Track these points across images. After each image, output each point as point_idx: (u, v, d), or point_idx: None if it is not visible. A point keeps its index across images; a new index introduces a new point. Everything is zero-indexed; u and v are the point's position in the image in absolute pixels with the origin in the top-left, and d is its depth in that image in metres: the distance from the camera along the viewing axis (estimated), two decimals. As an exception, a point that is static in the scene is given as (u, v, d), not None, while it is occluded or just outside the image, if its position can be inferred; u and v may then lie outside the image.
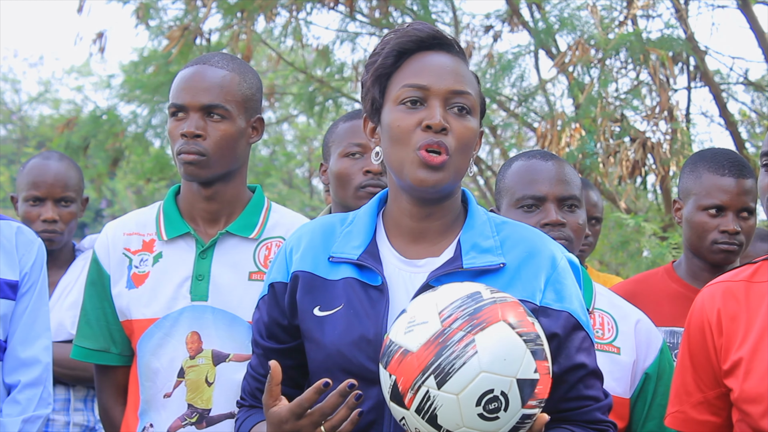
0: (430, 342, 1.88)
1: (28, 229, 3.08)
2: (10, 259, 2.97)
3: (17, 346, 2.95)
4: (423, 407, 1.87)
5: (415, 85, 2.13)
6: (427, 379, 1.86)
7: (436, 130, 2.09)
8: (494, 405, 1.86)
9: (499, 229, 2.19)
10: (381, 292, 2.12)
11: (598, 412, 2.15)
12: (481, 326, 1.88)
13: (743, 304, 2.38)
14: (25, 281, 2.98)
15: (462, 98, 2.13)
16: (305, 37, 8.57)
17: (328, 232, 2.23)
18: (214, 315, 2.67)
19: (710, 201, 3.19)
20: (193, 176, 2.68)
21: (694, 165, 3.27)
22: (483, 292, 1.95)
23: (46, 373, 2.99)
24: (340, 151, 3.07)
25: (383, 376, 1.94)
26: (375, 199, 2.27)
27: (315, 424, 1.98)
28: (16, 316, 2.96)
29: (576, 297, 2.16)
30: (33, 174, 3.88)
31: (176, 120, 2.68)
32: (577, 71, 6.75)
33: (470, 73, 2.19)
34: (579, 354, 2.13)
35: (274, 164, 14.95)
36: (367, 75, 2.20)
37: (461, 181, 2.19)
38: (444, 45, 2.17)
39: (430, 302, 1.94)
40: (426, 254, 2.17)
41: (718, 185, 3.19)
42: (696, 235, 3.23)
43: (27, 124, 19.70)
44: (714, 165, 3.22)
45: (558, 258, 2.17)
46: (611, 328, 2.79)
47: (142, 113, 9.44)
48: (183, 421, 2.65)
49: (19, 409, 2.93)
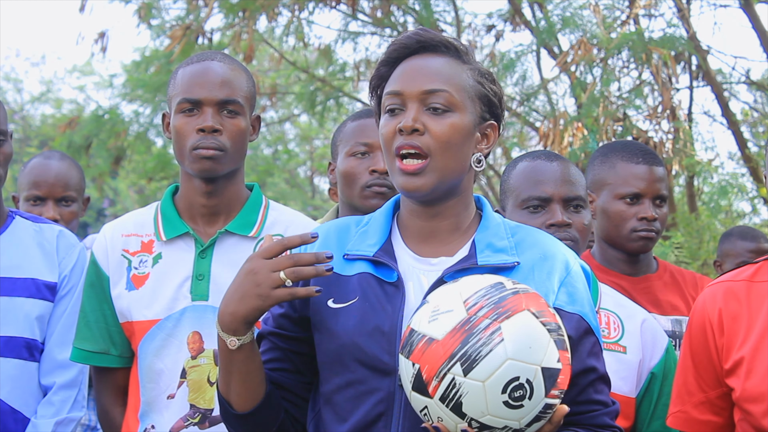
0: (456, 329, 1.89)
1: (70, 233, 3.12)
2: (50, 262, 3.01)
3: (54, 348, 2.98)
4: (448, 395, 1.88)
5: (392, 92, 2.16)
6: (453, 366, 1.87)
7: (407, 132, 2.12)
8: (519, 393, 1.87)
9: (514, 232, 2.21)
10: (397, 288, 2.13)
11: (607, 417, 2.16)
12: (507, 314, 1.90)
13: (744, 304, 2.39)
14: (64, 284, 3.02)
15: (437, 97, 2.13)
16: (307, 37, 8.58)
17: (344, 231, 2.25)
18: (215, 314, 2.65)
19: (627, 189, 3.21)
20: (209, 172, 2.67)
21: (605, 156, 3.29)
22: (505, 282, 1.97)
23: (81, 376, 3.03)
24: (347, 151, 3.09)
25: (404, 365, 1.95)
26: (390, 202, 2.29)
27: (276, 266, 2.05)
28: (54, 318, 3.00)
29: (588, 302, 2.18)
30: (34, 174, 3.89)
31: (187, 116, 2.67)
32: (579, 70, 6.75)
33: (459, 70, 2.17)
34: (590, 358, 2.14)
35: (276, 163, 14.95)
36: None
37: (463, 179, 2.19)
38: (430, 47, 2.18)
39: (453, 292, 1.96)
40: (440, 253, 2.19)
41: (634, 173, 3.21)
42: (613, 224, 3.23)
43: (29, 123, 19.72)
44: (627, 154, 3.25)
45: (571, 263, 2.19)
46: (617, 328, 2.80)
47: (144, 112, 9.46)
48: (185, 422, 2.65)
49: (53, 411, 2.96)
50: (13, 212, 3.10)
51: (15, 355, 2.93)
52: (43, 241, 3.04)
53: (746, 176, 7.66)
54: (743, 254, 4.61)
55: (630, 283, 3.25)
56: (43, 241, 3.04)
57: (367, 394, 2.10)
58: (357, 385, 2.12)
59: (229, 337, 2.10)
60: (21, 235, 3.03)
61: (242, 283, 2.08)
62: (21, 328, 2.94)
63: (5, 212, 3.08)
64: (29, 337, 2.94)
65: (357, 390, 2.12)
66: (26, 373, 2.95)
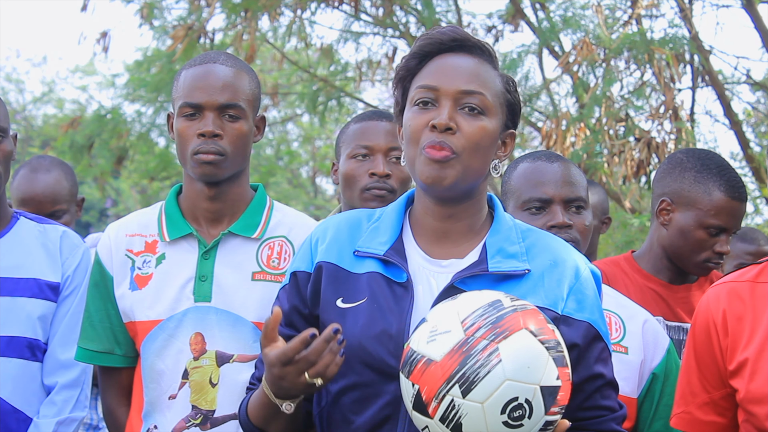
0: (453, 351, 1.89)
1: (74, 234, 3.13)
2: (53, 262, 3.03)
3: (57, 348, 3.00)
4: (448, 416, 1.88)
5: (426, 86, 2.15)
6: (452, 388, 1.87)
7: (441, 129, 2.11)
8: (519, 413, 1.87)
9: (525, 236, 2.21)
10: (406, 289, 2.13)
11: (614, 423, 2.17)
12: (504, 334, 1.89)
13: (749, 305, 2.39)
14: (67, 284, 3.03)
15: (473, 98, 2.13)
16: (309, 37, 8.57)
17: (355, 226, 2.25)
18: (217, 316, 2.66)
19: (716, 222, 3.11)
20: (211, 176, 2.67)
21: (701, 174, 3.16)
22: (503, 300, 1.96)
23: (84, 376, 3.04)
24: (348, 153, 3.09)
25: (405, 385, 1.95)
26: (403, 198, 2.29)
27: (300, 372, 2.02)
28: (57, 319, 3.01)
29: (597, 308, 2.18)
30: (21, 191, 3.82)
31: (188, 120, 2.67)
32: (581, 71, 6.74)
33: (492, 75, 2.18)
34: (597, 364, 2.15)
35: (279, 164, 14.95)
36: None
37: (480, 182, 2.19)
38: (465, 47, 2.19)
39: (451, 311, 1.95)
40: (451, 255, 2.19)
41: (727, 209, 3.11)
42: (689, 248, 3.15)
43: (31, 123, 19.74)
44: (726, 186, 3.13)
45: (581, 268, 2.19)
46: (619, 328, 2.79)
47: (147, 112, 9.46)
48: (187, 423, 2.64)
49: (54, 411, 2.97)
50: (18, 213, 3.11)
51: (17, 355, 2.94)
52: (46, 242, 3.05)
53: (748, 176, 7.66)
54: (741, 256, 4.59)
55: (669, 291, 3.21)
56: (47, 242, 3.05)
57: (374, 397, 2.11)
58: (363, 388, 2.12)
59: (283, 402, 2.10)
60: (24, 236, 3.04)
61: (281, 386, 2.07)
62: (23, 328, 2.94)
63: (9, 213, 3.09)
64: (32, 337, 2.95)
65: (363, 393, 2.12)
66: (28, 373, 2.96)
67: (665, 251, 3.21)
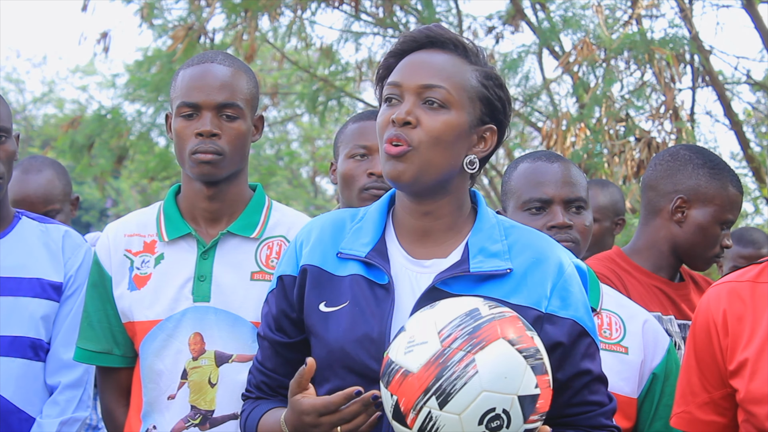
0: (430, 363, 1.87)
1: (76, 233, 3.13)
2: (55, 262, 3.02)
3: (59, 348, 2.99)
4: (425, 427, 1.87)
5: (391, 83, 2.16)
6: (429, 400, 1.86)
7: (399, 124, 2.11)
8: (496, 423, 1.86)
9: (508, 234, 2.19)
10: (387, 291, 2.12)
11: (603, 417, 2.16)
12: (481, 345, 1.87)
13: (749, 305, 2.38)
14: (69, 284, 3.02)
15: (433, 92, 2.12)
16: (309, 37, 8.58)
17: (338, 227, 2.24)
18: (216, 316, 2.66)
19: (731, 216, 3.14)
20: (209, 176, 2.67)
21: (715, 171, 3.16)
22: (481, 308, 1.94)
23: (86, 376, 3.03)
24: (346, 152, 3.09)
25: (385, 395, 1.94)
26: (386, 197, 2.27)
27: (333, 425, 2.02)
28: (59, 318, 3.01)
29: (582, 304, 2.16)
30: (13, 191, 3.80)
31: (186, 119, 2.66)
32: (582, 71, 6.75)
33: (464, 69, 2.16)
34: (584, 361, 2.14)
35: (279, 164, 14.95)
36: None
37: (453, 178, 2.16)
38: (437, 43, 2.18)
39: (428, 321, 1.93)
40: (433, 255, 2.17)
41: (738, 203, 3.15)
42: (704, 244, 3.16)
43: (31, 123, 19.74)
44: (736, 181, 3.16)
45: (565, 265, 2.17)
46: (619, 328, 2.79)
47: (147, 112, 9.47)
48: (186, 423, 2.64)
49: (57, 410, 2.97)
50: (20, 212, 3.12)
51: (20, 355, 2.94)
52: (49, 241, 3.05)
53: (749, 176, 7.67)
54: (735, 259, 4.59)
55: (673, 289, 3.21)
56: (49, 241, 3.05)
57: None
58: None
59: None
60: (27, 236, 3.04)
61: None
62: (26, 327, 2.94)
63: (11, 213, 3.09)
64: (34, 336, 2.95)
65: None
66: (31, 373, 2.96)
67: (675, 248, 3.20)
